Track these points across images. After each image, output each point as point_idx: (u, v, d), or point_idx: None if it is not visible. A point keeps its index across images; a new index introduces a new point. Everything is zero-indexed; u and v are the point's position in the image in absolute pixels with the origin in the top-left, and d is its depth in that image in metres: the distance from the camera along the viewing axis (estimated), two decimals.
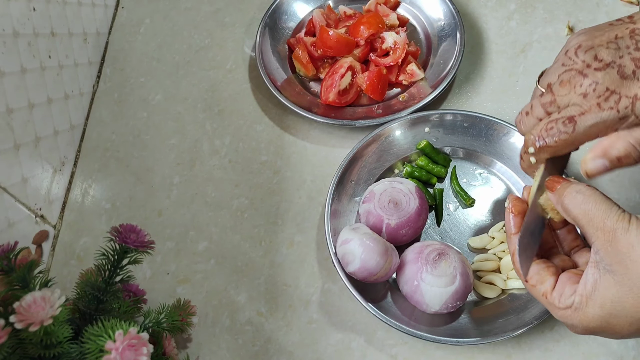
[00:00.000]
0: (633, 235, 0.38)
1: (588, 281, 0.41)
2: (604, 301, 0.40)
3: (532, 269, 0.45)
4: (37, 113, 0.70)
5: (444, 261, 0.58)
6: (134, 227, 0.53)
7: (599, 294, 0.40)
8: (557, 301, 0.43)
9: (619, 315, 0.40)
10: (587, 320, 0.41)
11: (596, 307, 0.40)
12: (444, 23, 0.81)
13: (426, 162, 0.70)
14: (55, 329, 0.44)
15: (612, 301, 0.40)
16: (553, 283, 0.44)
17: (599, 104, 0.41)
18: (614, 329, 0.41)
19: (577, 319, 0.42)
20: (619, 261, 0.39)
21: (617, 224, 0.39)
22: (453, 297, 0.57)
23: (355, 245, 0.58)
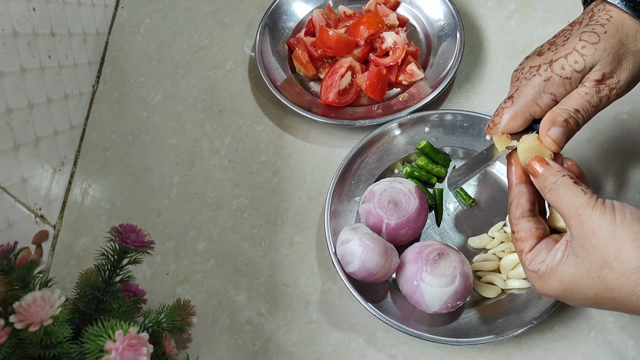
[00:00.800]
0: (594, 222, 0.42)
1: (556, 256, 0.45)
2: (562, 277, 0.44)
3: (522, 224, 0.49)
4: (36, 113, 0.70)
5: (443, 261, 0.58)
6: (133, 227, 0.53)
7: (560, 270, 0.44)
8: (528, 263, 0.47)
9: (574, 291, 0.44)
10: (546, 288, 0.46)
11: (555, 281, 0.45)
12: (444, 23, 0.81)
13: (426, 162, 0.70)
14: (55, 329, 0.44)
15: (569, 280, 0.44)
16: (532, 245, 0.48)
17: (526, 77, 0.50)
18: (569, 299, 0.45)
19: (539, 285, 0.46)
20: (581, 245, 0.43)
21: (581, 210, 0.43)
22: (453, 297, 0.57)
23: (355, 245, 0.58)
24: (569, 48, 0.49)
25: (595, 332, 0.61)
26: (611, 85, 0.49)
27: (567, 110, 0.48)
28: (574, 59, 0.48)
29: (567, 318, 0.61)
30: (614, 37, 0.48)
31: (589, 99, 0.48)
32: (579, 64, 0.48)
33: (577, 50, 0.48)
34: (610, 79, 0.49)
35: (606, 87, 0.49)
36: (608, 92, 0.49)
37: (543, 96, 0.50)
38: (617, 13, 0.49)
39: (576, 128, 0.49)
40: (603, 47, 0.48)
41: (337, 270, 0.61)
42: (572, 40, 0.49)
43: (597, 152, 0.70)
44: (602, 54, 0.48)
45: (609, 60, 0.48)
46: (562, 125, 0.48)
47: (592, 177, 0.69)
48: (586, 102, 0.48)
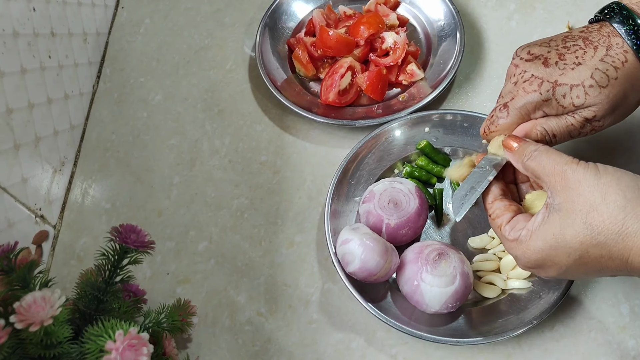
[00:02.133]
0: (580, 173, 0.43)
1: (537, 219, 0.46)
2: (546, 235, 0.44)
3: (496, 204, 0.50)
4: (37, 113, 0.70)
5: (443, 261, 0.58)
6: (134, 227, 0.53)
7: (543, 229, 0.45)
8: (507, 233, 0.47)
9: (558, 246, 0.44)
10: (529, 252, 0.45)
11: (539, 241, 0.45)
12: (444, 23, 0.81)
13: (426, 162, 0.70)
14: (56, 329, 0.44)
15: (554, 234, 0.44)
16: (509, 218, 0.48)
17: (524, 88, 0.49)
18: (553, 260, 0.45)
19: (521, 251, 0.46)
20: (566, 197, 0.43)
21: (566, 165, 0.44)
22: (453, 297, 0.57)
23: (355, 245, 0.58)
24: (578, 79, 0.48)
25: (595, 332, 0.61)
26: (595, 127, 0.50)
27: (545, 132, 0.50)
28: (577, 93, 0.48)
29: (567, 318, 0.61)
30: (622, 86, 0.48)
31: (571, 130, 0.50)
32: (579, 100, 0.48)
33: (584, 87, 0.48)
34: (597, 122, 0.49)
35: (590, 126, 0.50)
36: (589, 130, 0.50)
37: (537, 112, 0.50)
38: (632, 58, 0.48)
39: None
40: (607, 94, 0.48)
41: (337, 270, 0.61)
42: (583, 71, 0.48)
43: (597, 152, 0.70)
44: (604, 99, 0.48)
45: (607, 107, 0.48)
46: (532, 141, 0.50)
47: None
48: (567, 131, 0.50)
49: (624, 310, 0.61)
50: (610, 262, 0.43)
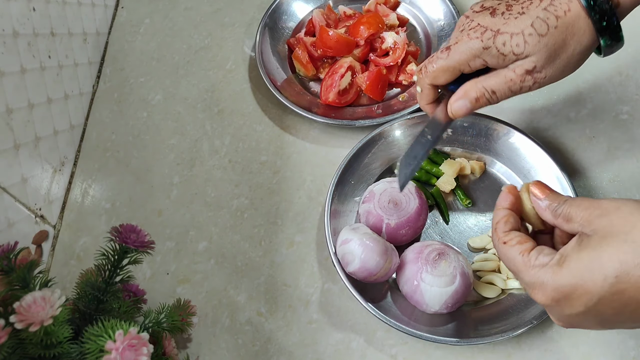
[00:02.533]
0: (619, 201, 0.40)
1: (570, 244, 0.41)
2: (581, 256, 0.39)
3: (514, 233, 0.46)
4: (37, 113, 0.70)
5: (443, 261, 0.58)
6: (134, 227, 0.53)
7: (578, 251, 0.40)
8: (534, 259, 0.42)
9: (594, 268, 0.39)
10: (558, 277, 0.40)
11: (571, 262, 0.40)
12: (444, 23, 0.81)
13: (425, 162, 0.70)
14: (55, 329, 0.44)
15: (590, 255, 0.39)
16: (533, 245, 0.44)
17: (469, 35, 0.50)
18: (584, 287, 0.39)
19: (549, 276, 0.41)
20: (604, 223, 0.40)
21: (600, 200, 0.41)
22: (453, 297, 0.57)
23: (355, 245, 0.58)
24: (518, 28, 0.49)
25: (595, 332, 0.60)
26: (536, 79, 0.50)
27: (484, 89, 0.51)
28: (516, 41, 0.48)
29: None
30: (562, 34, 0.48)
31: (511, 85, 0.50)
32: (519, 48, 0.48)
33: (523, 35, 0.48)
34: (538, 73, 0.49)
35: (531, 78, 0.50)
36: (531, 84, 0.50)
37: (476, 60, 0.50)
38: (576, 7, 0.48)
39: (483, 106, 0.52)
40: (546, 42, 0.48)
41: (337, 270, 0.61)
42: (524, 20, 0.49)
43: (598, 152, 0.70)
44: (542, 47, 0.48)
45: (546, 56, 0.48)
46: (471, 101, 0.51)
47: (592, 177, 0.69)
48: (507, 87, 0.50)
49: None
50: None
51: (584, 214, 0.41)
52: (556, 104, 0.75)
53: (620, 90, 0.74)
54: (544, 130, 0.73)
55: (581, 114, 0.73)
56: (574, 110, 0.74)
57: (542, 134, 0.72)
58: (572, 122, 0.73)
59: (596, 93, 0.75)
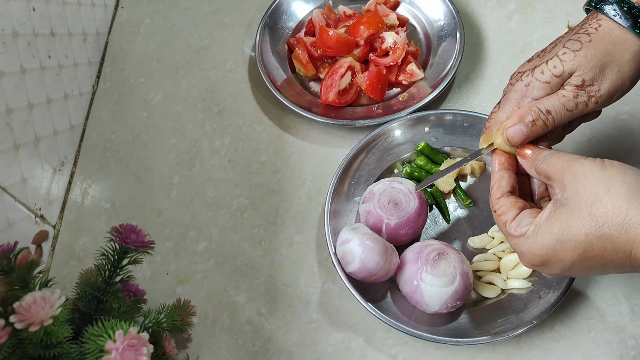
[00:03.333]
0: (587, 166, 0.45)
1: (544, 214, 0.46)
2: (553, 228, 0.45)
3: (503, 200, 0.50)
4: (36, 113, 0.70)
5: (443, 261, 0.58)
6: (134, 227, 0.53)
7: (550, 222, 0.45)
8: (514, 229, 0.48)
9: (564, 240, 0.44)
10: (535, 248, 0.46)
11: (545, 235, 0.45)
12: (444, 23, 0.81)
13: (425, 162, 0.70)
14: (55, 329, 0.44)
15: (561, 227, 0.44)
16: (515, 214, 0.48)
17: (511, 83, 0.52)
18: (558, 256, 0.45)
19: (527, 246, 0.46)
20: (573, 190, 0.44)
21: (574, 161, 0.46)
22: (453, 297, 0.57)
23: (355, 245, 0.58)
24: (552, 54, 0.50)
25: (595, 332, 0.61)
26: (591, 93, 0.49)
27: (538, 110, 0.50)
28: (553, 64, 0.49)
29: (567, 318, 0.61)
30: (599, 45, 0.49)
31: (565, 102, 0.49)
32: (557, 69, 0.49)
33: (557, 56, 0.49)
34: (591, 86, 0.49)
35: (585, 93, 0.49)
36: (586, 99, 0.49)
37: (525, 100, 0.51)
38: (607, 22, 0.49)
39: (542, 130, 0.50)
40: (584, 55, 0.48)
41: (337, 270, 0.61)
42: (557, 48, 0.51)
43: (598, 152, 0.70)
44: (582, 60, 0.48)
45: (590, 67, 0.48)
46: (527, 125, 0.50)
47: None
48: (561, 104, 0.49)
49: (624, 310, 0.61)
50: (614, 255, 0.43)
51: (559, 176, 0.46)
52: None
53: None
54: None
55: None
56: None
57: None
58: None
59: None
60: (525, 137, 0.50)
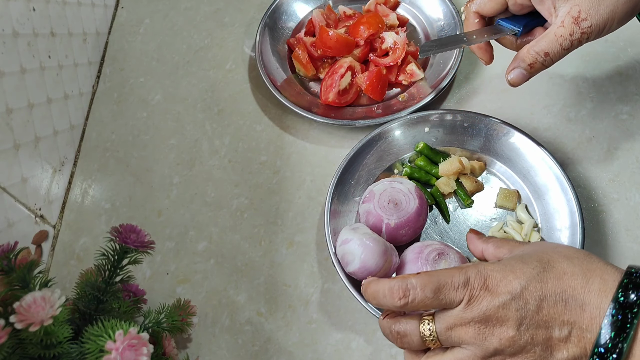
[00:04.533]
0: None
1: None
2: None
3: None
4: (36, 113, 0.70)
5: (443, 261, 0.58)
6: (134, 227, 0.53)
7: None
8: None
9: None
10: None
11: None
12: (444, 23, 0.81)
13: (425, 163, 0.70)
14: (55, 329, 0.44)
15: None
16: None
17: None
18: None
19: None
20: None
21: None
22: None
23: (355, 245, 0.58)
24: None
25: None
26: (583, 29, 0.50)
27: (536, 54, 0.52)
28: None
29: None
30: None
31: (562, 42, 0.51)
32: None
33: None
34: (584, 20, 0.50)
35: (579, 29, 0.50)
36: (580, 36, 0.51)
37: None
38: None
39: (539, 70, 0.53)
40: None
41: (337, 270, 0.61)
42: None
43: (598, 152, 0.70)
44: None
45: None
46: (526, 68, 0.53)
47: (592, 177, 0.69)
48: (559, 44, 0.51)
49: None
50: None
51: None
52: (556, 104, 0.75)
53: (620, 90, 0.74)
54: (544, 130, 0.73)
55: (581, 114, 0.74)
56: (574, 110, 0.74)
57: (542, 134, 0.72)
58: (572, 122, 0.73)
59: (596, 93, 0.75)
60: (526, 79, 0.54)
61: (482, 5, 0.56)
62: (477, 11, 0.57)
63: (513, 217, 0.67)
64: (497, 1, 0.56)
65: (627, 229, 0.66)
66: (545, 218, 0.65)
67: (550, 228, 0.64)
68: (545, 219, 0.65)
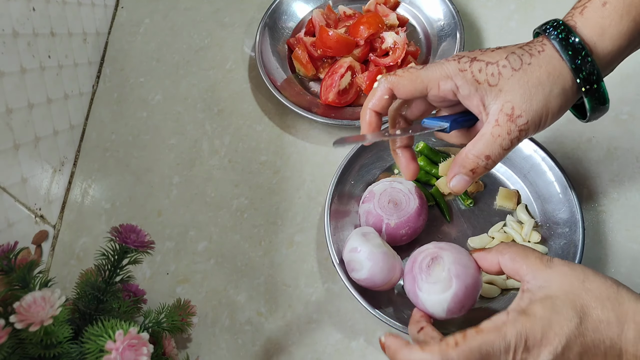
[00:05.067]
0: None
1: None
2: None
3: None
4: (36, 113, 0.70)
5: (437, 266, 0.53)
6: (134, 227, 0.53)
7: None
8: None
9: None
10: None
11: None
12: (444, 23, 0.81)
13: (425, 163, 0.70)
14: (55, 329, 0.44)
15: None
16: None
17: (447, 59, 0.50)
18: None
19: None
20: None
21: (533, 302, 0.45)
22: (454, 301, 0.53)
23: (364, 257, 0.57)
24: (494, 58, 0.49)
25: None
26: (520, 126, 0.48)
27: (477, 158, 0.49)
28: (491, 71, 0.49)
29: None
30: (535, 71, 0.48)
31: (501, 142, 0.49)
32: (494, 78, 0.48)
33: (498, 66, 0.49)
34: (519, 117, 0.48)
35: (516, 127, 0.48)
36: (518, 134, 0.49)
37: (448, 81, 0.49)
38: (549, 49, 0.49)
39: (482, 174, 0.51)
40: (519, 78, 0.48)
41: (337, 271, 0.61)
42: (501, 53, 0.50)
43: (598, 152, 0.70)
44: (516, 84, 0.48)
45: (521, 93, 0.48)
46: (468, 174, 0.50)
47: (592, 177, 0.69)
48: (498, 145, 0.49)
49: None
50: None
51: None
52: None
53: (620, 90, 0.74)
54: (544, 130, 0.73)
55: None
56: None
57: (542, 134, 0.72)
58: (572, 122, 0.73)
59: None
60: (469, 184, 0.51)
61: (398, 83, 0.51)
62: (390, 87, 0.51)
63: (513, 217, 0.67)
64: (417, 85, 0.50)
65: (627, 228, 0.66)
66: (545, 218, 0.65)
67: (551, 228, 0.64)
68: (545, 219, 0.65)
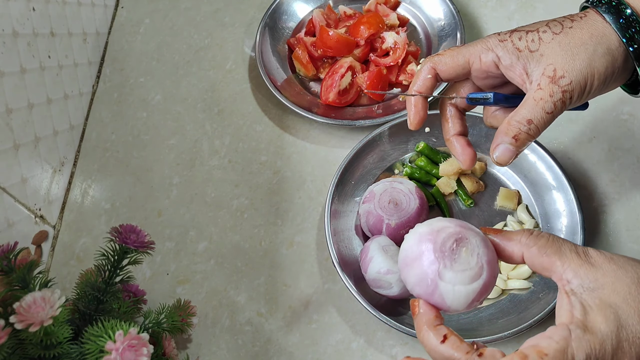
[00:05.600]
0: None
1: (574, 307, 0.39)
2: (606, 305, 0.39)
3: None
4: (36, 113, 0.70)
5: (464, 249, 0.44)
6: (134, 228, 0.53)
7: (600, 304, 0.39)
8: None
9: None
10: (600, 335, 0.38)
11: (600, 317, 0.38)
12: (444, 23, 0.81)
13: (425, 163, 0.70)
14: (55, 330, 0.44)
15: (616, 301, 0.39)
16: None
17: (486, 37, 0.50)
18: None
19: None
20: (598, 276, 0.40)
21: None
22: (481, 293, 0.43)
23: (394, 279, 0.59)
24: (534, 27, 0.49)
25: None
26: (563, 87, 0.47)
27: (519, 123, 0.47)
28: (531, 37, 0.48)
29: None
30: (577, 34, 0.48)
31: (543, 105, 0.47)
32: (534, 44, 0.48)
33: (538, 32, 0.48)
34: (562, 78, 0.47)
35: (559, 88, 0.47)
36: (561, 95, 0.47)
37: (489, 53, 0.49)
38: (592, 15, 0.49)
39: (526, 143, 0.48)
40: (559, 41, 0.47)
41: (337, 271, 0.61)
42: (540, 22, 0.49)
43: (598, 152, 0.70)
44: (557, 46, 0.47)
45: (562, 54, 0.47)
46: (511, 142, 0.47)
47: (593, 177, 0.69)
48: (540, 109, 0.47)
49: None
50: None
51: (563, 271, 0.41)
52: None
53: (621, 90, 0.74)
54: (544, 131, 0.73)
55: (581, 114, 0.73)
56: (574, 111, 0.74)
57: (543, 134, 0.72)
58: (572, 122, 0.73)
59: None
60: (514, 154, 0.48)
61: (441, 61, 0.50)
62: (433, 66, 0.50)
63: (514, 217, 0.67)
64: (459, 61, 0.50)
65: (627, 229, 0.66)
66: (546, 218, 0.65)
67: (551, 228, 0.64)
68: (546, 219, 0.65)
